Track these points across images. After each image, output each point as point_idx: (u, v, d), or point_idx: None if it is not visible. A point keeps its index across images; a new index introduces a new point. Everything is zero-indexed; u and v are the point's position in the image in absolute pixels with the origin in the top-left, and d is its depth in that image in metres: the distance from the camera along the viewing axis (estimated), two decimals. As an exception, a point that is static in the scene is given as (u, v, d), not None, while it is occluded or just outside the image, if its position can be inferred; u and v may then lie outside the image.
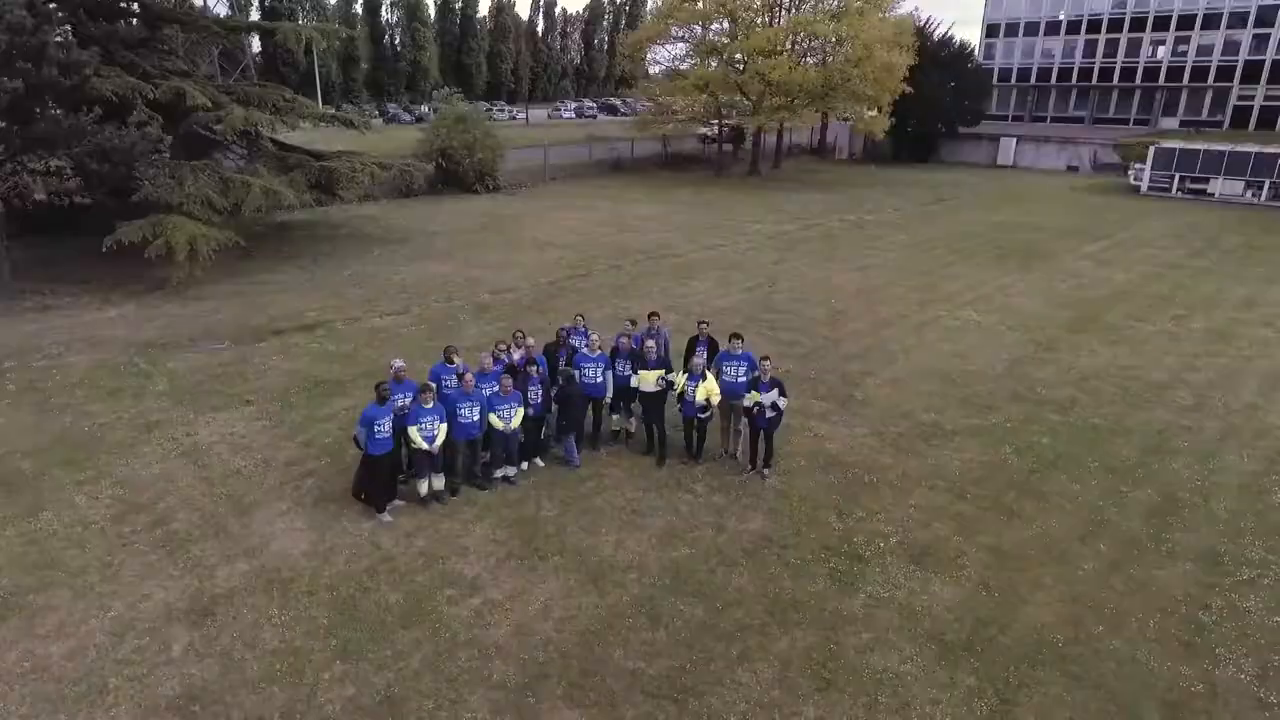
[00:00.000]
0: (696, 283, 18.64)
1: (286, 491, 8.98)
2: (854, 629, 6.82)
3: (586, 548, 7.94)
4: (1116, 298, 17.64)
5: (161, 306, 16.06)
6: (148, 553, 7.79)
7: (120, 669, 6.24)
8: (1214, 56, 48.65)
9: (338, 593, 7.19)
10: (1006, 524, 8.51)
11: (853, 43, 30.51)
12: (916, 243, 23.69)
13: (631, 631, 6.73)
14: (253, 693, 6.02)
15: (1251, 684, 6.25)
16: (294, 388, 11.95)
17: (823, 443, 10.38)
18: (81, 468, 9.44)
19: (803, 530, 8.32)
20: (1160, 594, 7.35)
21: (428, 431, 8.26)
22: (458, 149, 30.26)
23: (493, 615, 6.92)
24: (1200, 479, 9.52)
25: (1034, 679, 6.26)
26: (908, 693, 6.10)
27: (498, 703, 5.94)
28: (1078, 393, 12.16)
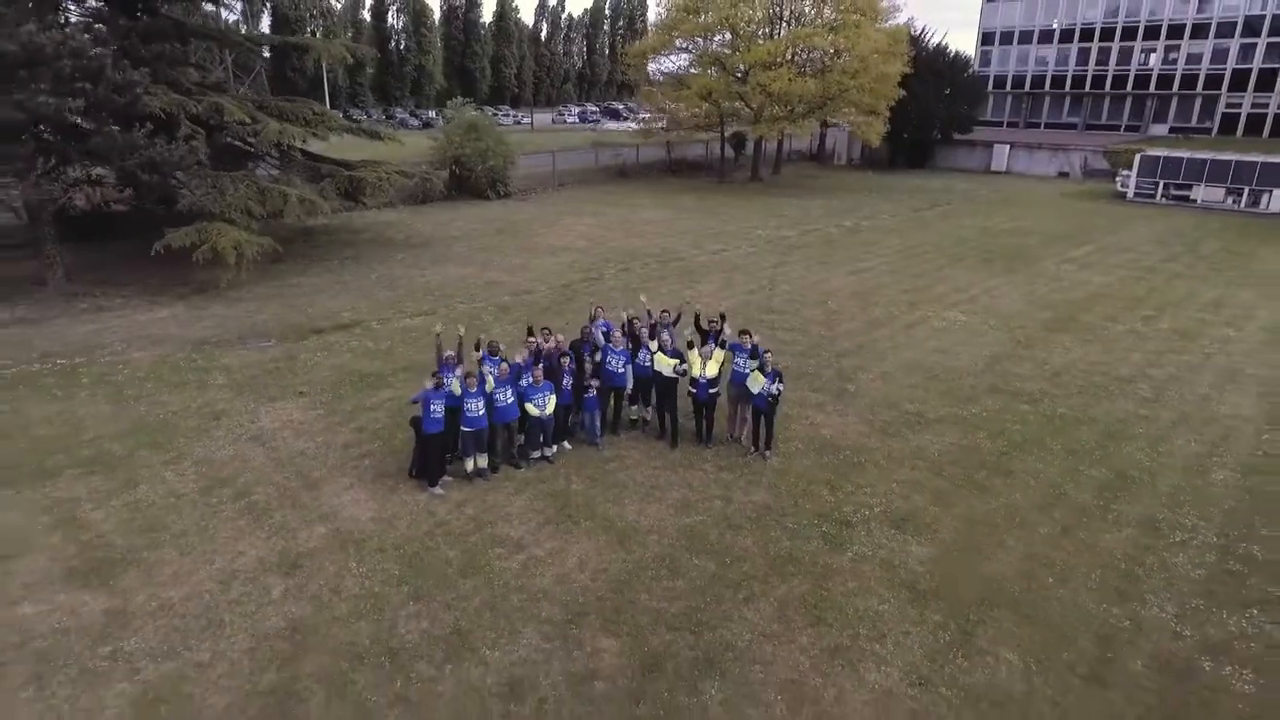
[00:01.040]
0: (702, 285, 19.90)
1: (347, 469, 10.26)
2: (841, 579, 8.10)
3: (613, 515, 9.21)
4: (1093, 300, 18.92)
5: (208, 307, 17.35)
6: (236, 519, 9.07)
7: (231, 608, 7.51)
8: (1202, 65, 49.97)
9: (404, 550, 8.46)
10: (976, 497, 9.78)
11: (849, 55, 31.82)
12: (909, 247, 24.98)
13: (654, 580, 8.01)
14: (344, 626, 7.29)
15: (1170, 621, 7.53)
16: (341, 381, 13.23)
17: (818, 429, 11.66)
18: (164, 450, 10.72)
19: (799, 501, 9.60)
20: (1103, 553, 8.63)
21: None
22: (471, 156, 31.54)
23: (537, 568, 8.19)
24: (1150, 460, 10.79)
25: (991, 617, 7.54)
26: (884, 626, 7.37)
27: (548, 633, 7.22)
28: (1049, 386, 13.44)
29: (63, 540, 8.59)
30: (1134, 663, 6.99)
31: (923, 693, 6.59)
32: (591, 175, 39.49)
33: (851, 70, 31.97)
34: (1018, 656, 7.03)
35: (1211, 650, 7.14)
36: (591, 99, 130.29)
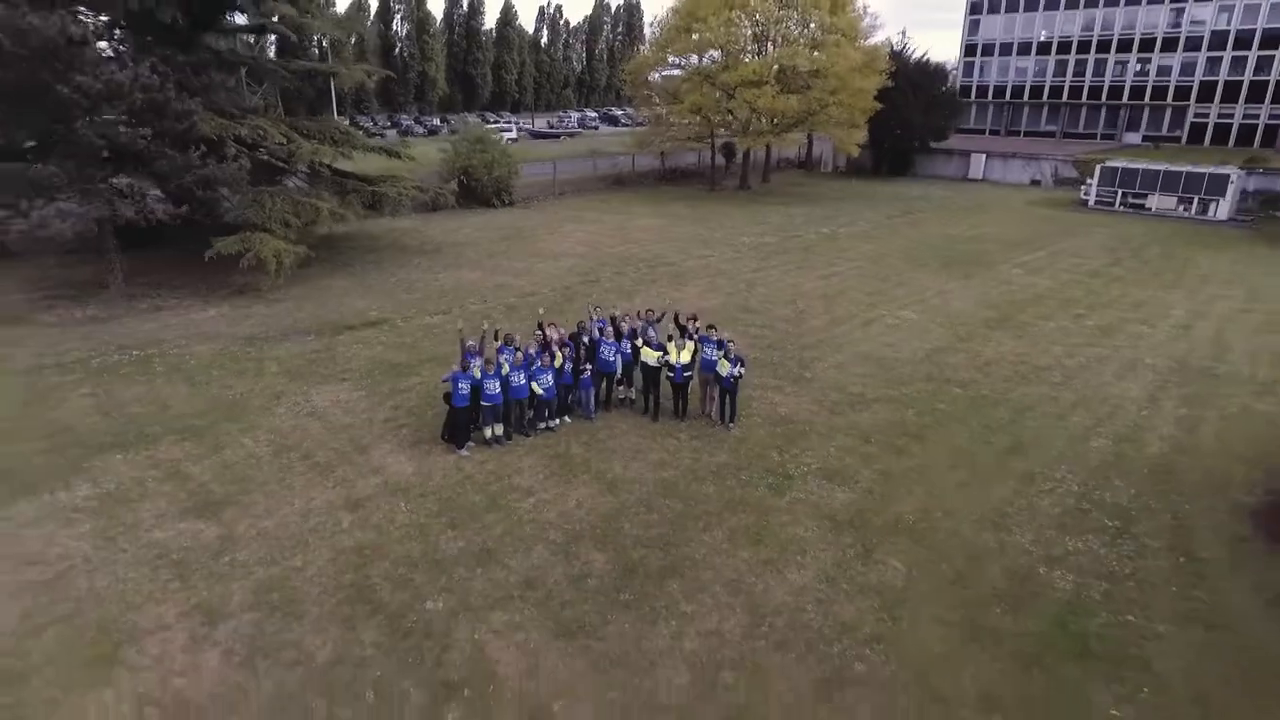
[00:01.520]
0: (688, 288, 22.30)
1: (389, 437, 12.65)
2: (779, 515, 10.49)
3: (604, 470, 11.61)
4: (1034, 300, 21.32)
5: (251, 307, 19.74)
6: (305, 473, 11.46)
7: (312, 534, 9.91)
8: (1172, 77, 52.43)
9: (440, 495, 10.86)
10: (895, 458, 12.18)
11: (829, 73, 34.25)
12: (879, 253, 27.38)
13: (635, 515, 10.40)
14: (399, 545, 9.68)
15: (1025, 544, 9.92)
16: (375, 369, 15.63)
17: (775, 408, 14.05)
18: (239, 422, 13.11)
19: (753, 461, 11.99)
20: (988, 499, 11.02)
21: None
22: (478, 168, 33.96)
23: (544, 507, 10.59)
24: (1045, 432, 13.18)
25: (890, 541, 9.93)
26: (807, 545, 9.77)
27: (553, 549, 9.61)
28: (977, 374, 15.84)
29: (174, 488, 10.99)
30: (991, 570, 9.39)
31: (828, 587, 8.99)
32: (589, 183, 41.91)
33: (831, 87, 34.43)
34: (903, 565, 9.42)
35: (1049, 562, 9.54)
36: (591, 104, 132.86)
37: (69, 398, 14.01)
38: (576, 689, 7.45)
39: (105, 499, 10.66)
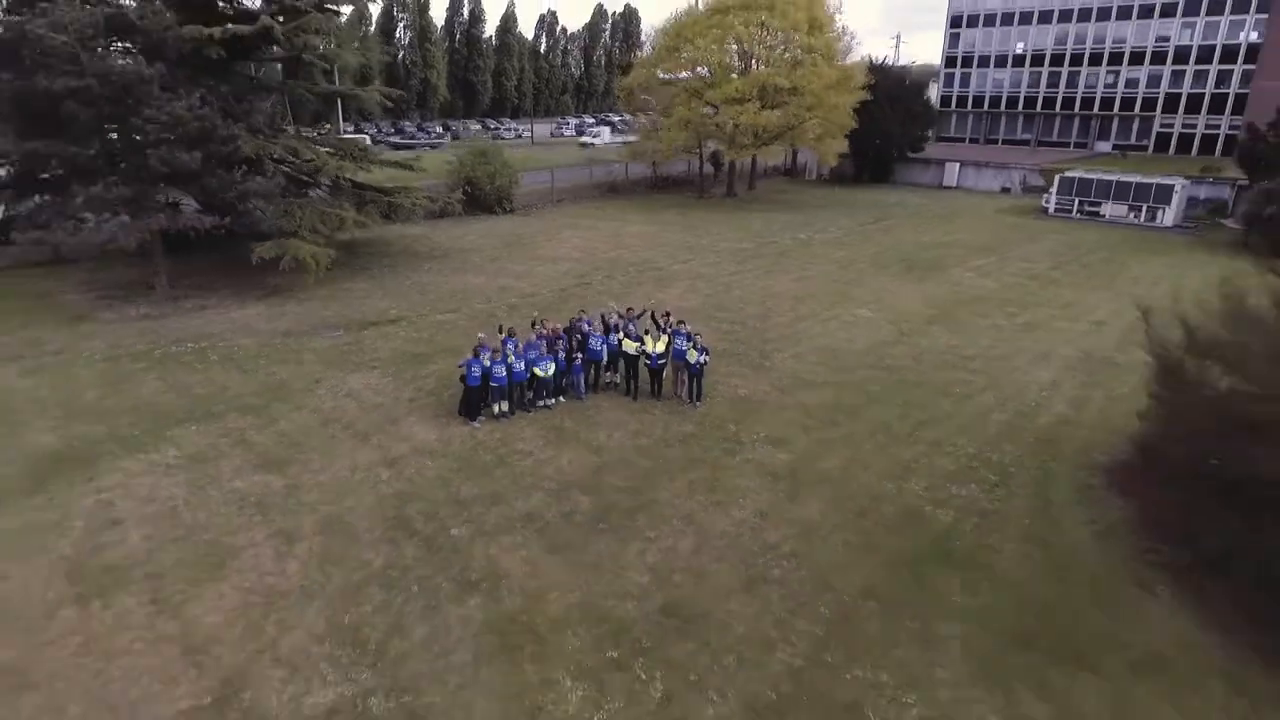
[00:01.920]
0: (672, 289, 24.98)
1: (414, 413, 15.33)
2: (729, 471, 13.17)
3: (590, 438, 14.29)
4: (976, 301, 24.02)
5: (284, 306, 22.42)
6: (348, 440, 14.14)
7: (360, 483, 12.58)
8: (1140, 89, 55.20)
9: (458, 456, 13.53)
10: (829, 429, 14.87)
11: (806, 90, 36.97)
12: (847, 258, 30.09)
13: (614, 470, 13.09)
14: (428, 491, 12.35)
15: (919, 491, 12.60)
16: (399, 358, 18.32)
17: (736, 390, 16.73)
18: (288, 401, 15.80)
19: (713, 431, 14.67)
20: (897, 458, 13.70)
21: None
22: (481, 178, 36.66)
23: (541, 465, 13.27)
24: (956, 409, 15.87)
25: (813, 489, 12.61)
26: (750, 492, 12.45)
27: (548, 494, 12.28)
28: (911, 362, 18.54)
29: (243, 451, 13.67)
30: (888, 508, 12.09)
31: (760, 520, 11.67)
32: (585, 191, 44.62)
33: (808, 104, 37.16)
34: (820, 505, 12.12)
35: (935, 503, 12.24)
36: (589, 109, 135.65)
37: (144, 381, 16.71)
38: (564, 585, 10.13)
39: (191, 458, 13.34)
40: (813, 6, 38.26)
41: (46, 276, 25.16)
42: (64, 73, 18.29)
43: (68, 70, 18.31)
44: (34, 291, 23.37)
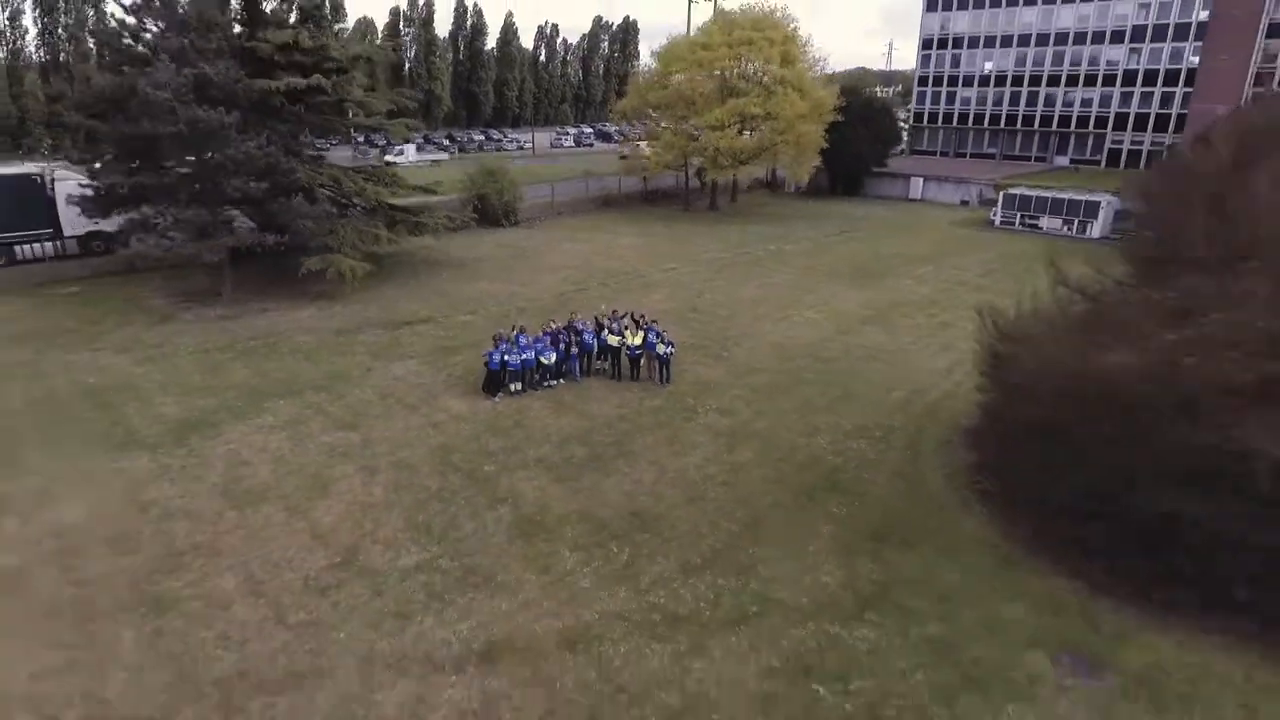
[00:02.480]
0: (655, 295, 29.55)
1: (449, 391, 19.92)
2: (686, 431, 17.79)
3: (585, 409, 18.90)
4: (907, 304, 28.63)
5: (332, 309, 27.01)
6: (401, 410, 18.74)
7: (414, 438, 17.19)
8: (1093, 108, 59.95)
9: (484, 421, 18.15)
10: (766, 402, 19.48)
11: (779, 117, 41.64)
12: (808, 266, 34.72)
13: (601, 430, 17.70)
14: (464, 444, 16.96)
15: (824, 445, 17.22)
16: (432, 350, 22.92)
17: (699, 375, 21.33)
18: (349, 383, 20.39)
19: (676, 404, 19.28)
20: (812, 423, 18.31)
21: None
22: (490, 195, 41.28)
23: (547, 426, 17.87)
24: (868, 389, 20.47)
25: (746, 442, 17.22)
26: (699, 445, 17.07)
27: (553, 446, 16.89)
28: (841, 354, 23.15)
29: (323, 417, 18.27)
30: (798, 455, 16.70)
31: (705, 462, 16.29)
32: (582, 204, 49.23)
33: (780, 129, 41.83)
34: (749, 453, 16.74)
35: (834, 453, 16.84)
36: (587, 118, 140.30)
37: (234, 368, 21.33)
38: (564, 500, 14.72)
39: (286, 422, 17.94)
40: (786, 43, 42.96)
41: (126, 283, 29.75)
42: (163, 120, 22.88)
43: (165, 118, 22.90)
44: (121, 296, 27.97)
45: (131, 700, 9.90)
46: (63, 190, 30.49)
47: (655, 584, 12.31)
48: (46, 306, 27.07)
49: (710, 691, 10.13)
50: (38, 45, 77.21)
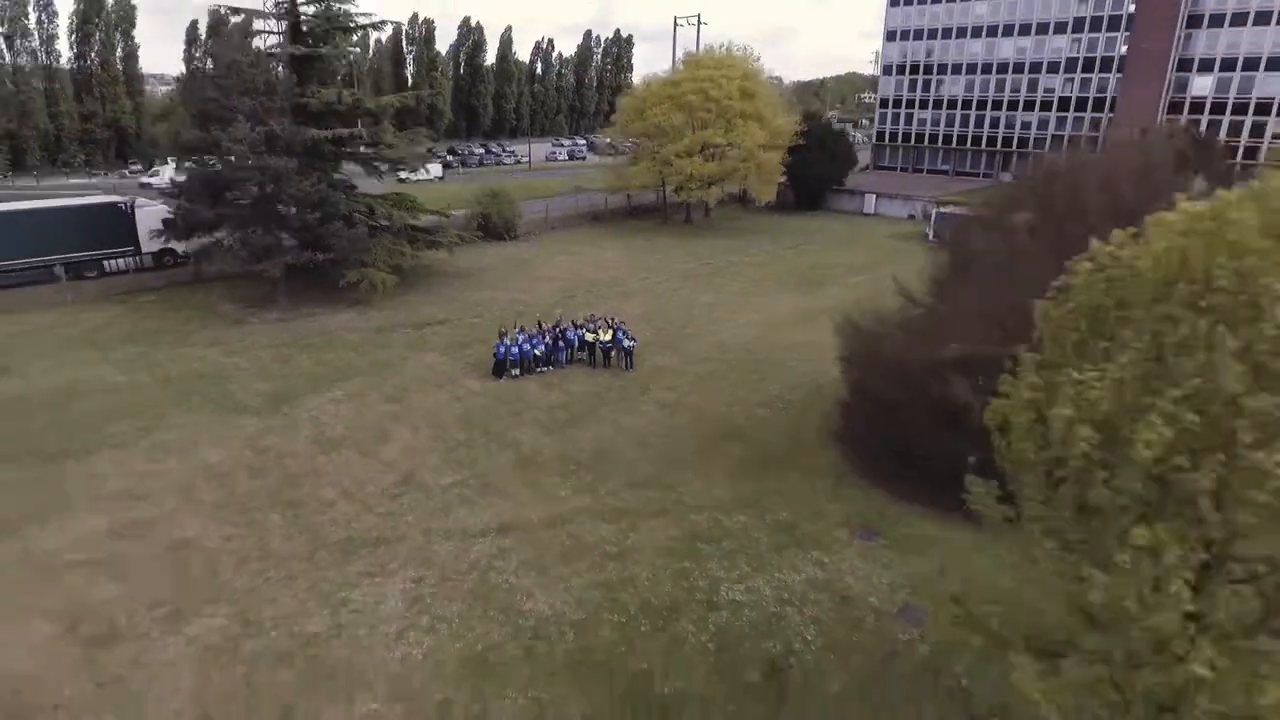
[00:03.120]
0: (631, 301, 36.18)
1: (466, 374, 26.58)
2: (640, 403, 24.47)
3: (567, 388, 25.58)
4: (834, 308, 35.05)
5: (367, 313, 33.61)
6: (432, 387, 25.40)
7: (443, 407, 23.86)
8: (1032, 131, 66.80)
9: (493, 395, 24.82)
10: (703, 384, 26.16)
11: (740, 145, 48.40)
12: (761, 276, 41.40)
13: (578, 402, 24.37)
14: (479, 411, 23.62)
15: (738, 413, 23.92)
16: (450, 345, 29.57)
17: (656, 363, 27.99)
18: (391, 369, 27.04)
19: (635, 384, 25.95)
20: (733, 397, 24.99)
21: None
22: (493, 213, 47.93)
23: (539, 399, 24.54)
24: (782, 372, 27.15)
25: (681, 411, 23.89)
26: (647, 412, 23.76)
27: (543, 411, 23.56)
28: (768, 347, 29.82)
29: (377, 393, 24.92)
30: (718, 420, 23.39)
31: (650, 423, 22.97)
32: (574, 219, 55.85)
33: (742, 156, 48.58)
34: (683, 419, 23.44)
35: (744, 417, 23.51)
36: (581, 128, 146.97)
37: (301, 359, 27.96)
38: (550, 446, 21.37)
39: (349, 395, 24.59)
40: (745, 79, 49.68)
41: (195, 293, 36.33)
42: (240, 168, 29.52)
43: (242, 166, 29.53)
44: (197, 303, 34.57)
45: (287, 550, 16.54)
46: (141, 215, 37.16)
47: (608, 493, 19.00)
48: (137, 311, 33.65)
49: (635, 545, 16.81)
50: (71, 68, 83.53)
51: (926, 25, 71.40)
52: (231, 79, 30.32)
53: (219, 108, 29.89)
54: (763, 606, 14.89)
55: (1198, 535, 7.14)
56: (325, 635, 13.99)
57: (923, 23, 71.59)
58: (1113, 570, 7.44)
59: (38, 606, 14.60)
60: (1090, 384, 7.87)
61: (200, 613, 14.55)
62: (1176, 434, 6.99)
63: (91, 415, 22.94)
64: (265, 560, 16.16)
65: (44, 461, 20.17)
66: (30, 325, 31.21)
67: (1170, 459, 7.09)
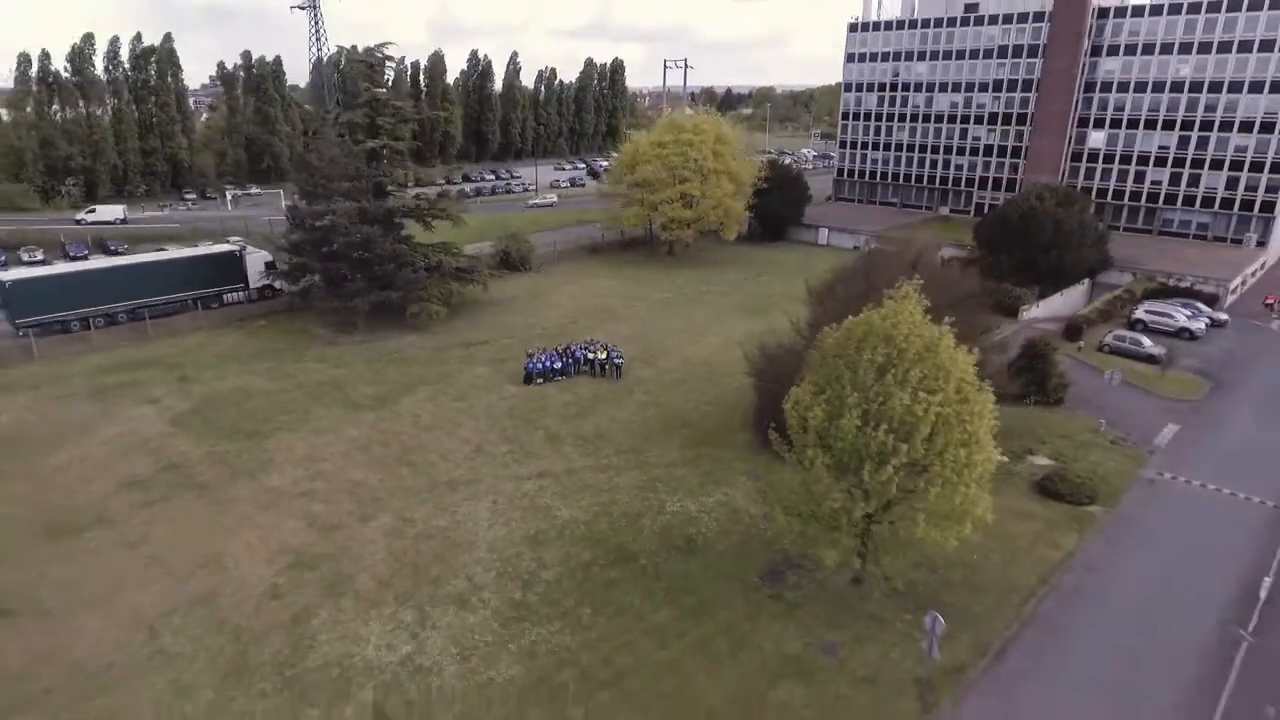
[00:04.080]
0: (621, 324, 47.97)
1: (504, 382, 38.39)
2: (625, 402, 36.28)
3: (576, 391, 37.39)
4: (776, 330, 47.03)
5: (425, 337, 45.39)
6: (484, 391, 37.24)
7: (493, 405, 35.70)
8: (964, 171, 78.70)
9: (526, 396, 36.63)
10: (671, 389, 38.00)
11: (710, 195, 60.30)
12: (723, 304, 53.22)
13: (582, 401, 36.21)
14: (519, 406, 35.45)
15: (692, 407, 35.77)
16: (492, 360, 41.41)
17: (638, 374, 39.79)
18: (451, 379, 38.87)
19: (623, 390, 37.76)
20: (690, 398, 36.81)
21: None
22: (512, 250, 59.79)
23: (556, 399, 36.37)
24: (728, 380, 38.94)
25: (655, 407, 35.73)
26: (632, 407, 35.61)
27: (561, 406, 35.39)
28: (722, 363, 41.58)
29: (445, 395, 36.73)
30: (678, 412, 35.24)
31: (632, 415, 34.79)
32: (576, 252, 67.61)
33: (712, 204, 60.49)
34: (654, 413, 35.29)
35: (696, 411, 35.35)
36: (580, 149, 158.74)
37: (387, 371, 39.79)
38: (567, 428, 33.18)
39: (427, 398, 36.42)
40: (716, 142, 61.59)
41: (293, 320, 48.10)
42: (341, 234, 41.33)
43: (343, 232, 41.34)
44: (296, 329, 46.33)
45: (415, 486, 28.32)
46: (249, 260, 49.01)
47: (603, 457, 30.82)
48: (255, 335, 45.42)
49: (619, 484, 28.63)
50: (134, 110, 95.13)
51: (878, 80, 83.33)
52: (333, 168, 42.12)
53: (324, 189, 41.69)
54: (689, 513, 26.76)
55: (866, 458, 19.05)
56: (449, 527, 25.81)
57: (874, 78, 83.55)
58: (833, 475, 19.32)
59: (288, 513, 26.43)
60: (825, 391, 19.77)
61: (376, 518, 26.35)
62: (863, 420, 18.80)
63: (262, 409, 34.78)
64: (405, 492, 27.99)
65: (247, 437, 32.00)
66: (185, 346, 43.03)
67: (859, 429, 18.96)
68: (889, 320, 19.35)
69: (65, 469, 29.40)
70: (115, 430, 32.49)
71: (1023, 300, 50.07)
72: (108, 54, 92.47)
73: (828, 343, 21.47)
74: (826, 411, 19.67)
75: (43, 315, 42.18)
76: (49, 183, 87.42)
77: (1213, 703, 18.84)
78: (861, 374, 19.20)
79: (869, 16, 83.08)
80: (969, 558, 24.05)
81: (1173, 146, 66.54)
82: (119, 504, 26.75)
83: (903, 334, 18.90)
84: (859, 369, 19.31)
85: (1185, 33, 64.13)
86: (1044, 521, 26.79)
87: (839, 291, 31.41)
